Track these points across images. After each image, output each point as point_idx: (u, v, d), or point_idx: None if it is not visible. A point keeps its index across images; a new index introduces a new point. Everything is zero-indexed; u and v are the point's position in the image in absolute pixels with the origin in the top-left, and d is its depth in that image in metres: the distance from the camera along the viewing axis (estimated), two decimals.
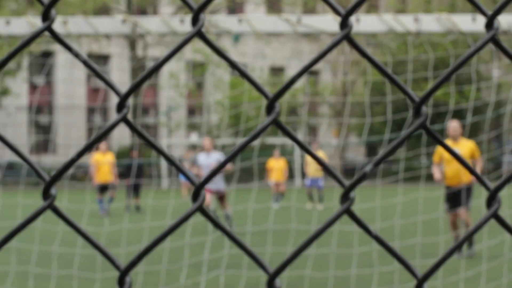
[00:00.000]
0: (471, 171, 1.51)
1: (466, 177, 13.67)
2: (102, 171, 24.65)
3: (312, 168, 28.02)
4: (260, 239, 16.51)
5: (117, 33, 9.45)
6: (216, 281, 11.39)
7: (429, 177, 18.14)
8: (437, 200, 19.50)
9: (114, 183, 24.88)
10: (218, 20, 9.32)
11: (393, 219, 17.27)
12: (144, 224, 17.67)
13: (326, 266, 12.48)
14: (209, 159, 18.26)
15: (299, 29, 9.22)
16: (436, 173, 13.76)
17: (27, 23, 9.16)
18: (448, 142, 13.66)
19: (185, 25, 9.14)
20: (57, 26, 8.98)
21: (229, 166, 18.63)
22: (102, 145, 25.06)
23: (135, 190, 26.71)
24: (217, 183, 18.48)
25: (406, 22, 9.37)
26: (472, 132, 21.89)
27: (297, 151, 46.41)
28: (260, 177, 33.50)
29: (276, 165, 29.26)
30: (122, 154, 44.30)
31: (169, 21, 9.25)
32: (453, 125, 13.82)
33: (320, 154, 29.03)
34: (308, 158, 28.92)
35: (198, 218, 17.42)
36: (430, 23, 9.43)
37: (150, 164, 42.38)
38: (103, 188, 24.67)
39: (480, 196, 13.64)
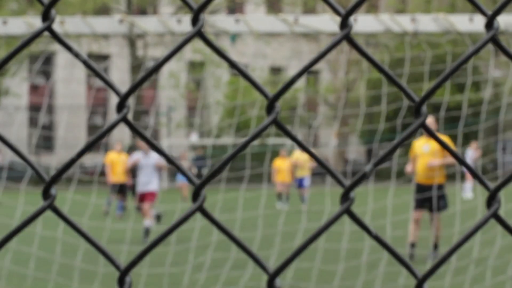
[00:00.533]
0: (471, 171, 1.51)
1: (437, 178, 13.60)
2: (116, 171, 24.17)
3: (299, 168, 27.12)
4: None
5: (115, 33, 9.46)
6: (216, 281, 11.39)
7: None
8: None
9: (128, 183, 24.50)
10: (216, 20, 9.33)
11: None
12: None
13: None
14: (148, 160, 17.08)
15: (296, 29, 9.22)
16: (408, 167, 13.94)
17: (24, 23, 9.16)
18: (423, 138, 13.73)
19: (182, 25, 9.13)
20: (55, 26, 8.98)
21: (164, 164, 17.30)
22: (117, 145, 24.75)
23: (133, 191, 26.49)
24: (147, 184, 17.15)
25: (403, 22, 9.37)
26: (472, 132, 21.80)
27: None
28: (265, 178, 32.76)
29: (284, 165, 27.68)
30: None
31: (166, 21, 9.25)
32: (427, 120, 13.77)
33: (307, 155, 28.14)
34: (295, 157, 27.81)
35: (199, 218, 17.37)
36: (428, 23, 9.43)
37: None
38: (116, 189, 24.14)
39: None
